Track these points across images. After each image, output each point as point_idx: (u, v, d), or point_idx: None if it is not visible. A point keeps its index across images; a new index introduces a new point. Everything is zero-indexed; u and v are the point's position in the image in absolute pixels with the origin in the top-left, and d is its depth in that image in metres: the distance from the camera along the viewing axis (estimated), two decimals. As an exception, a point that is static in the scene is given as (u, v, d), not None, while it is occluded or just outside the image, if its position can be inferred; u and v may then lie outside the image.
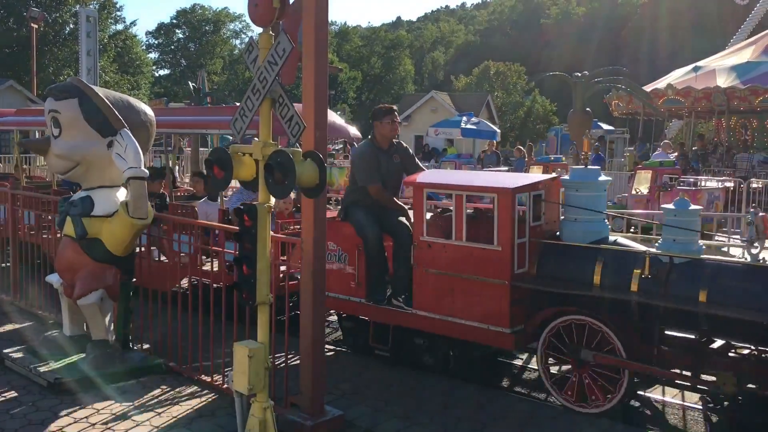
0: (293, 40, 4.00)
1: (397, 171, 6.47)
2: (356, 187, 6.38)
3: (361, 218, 6.23)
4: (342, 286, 6.41)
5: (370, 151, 6.33)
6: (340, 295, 6.43)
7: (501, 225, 5.48)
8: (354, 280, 6.33)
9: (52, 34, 43.96)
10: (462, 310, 5.69)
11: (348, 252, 6.37)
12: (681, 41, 55.79)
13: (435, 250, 5.81)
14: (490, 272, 5.53)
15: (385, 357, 6.40)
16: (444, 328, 5.83)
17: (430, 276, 5.86)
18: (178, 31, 73.74)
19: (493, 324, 5.55)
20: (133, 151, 5.40)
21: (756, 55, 22.70)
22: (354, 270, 6.34)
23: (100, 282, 5.60)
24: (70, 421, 4.90)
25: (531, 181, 5.87)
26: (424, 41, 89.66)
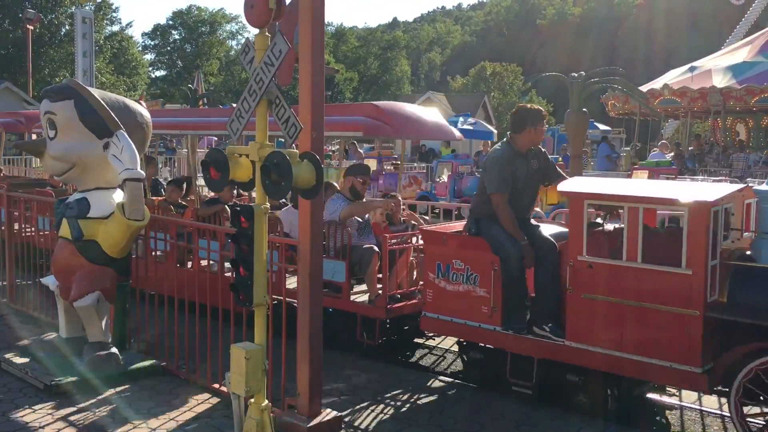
0: (290, 41, 3.99)
1: (535, 178, 5.81)
2: (488, 196, 5.67)
3: (498, 233, 5.52)
4: (470, 311, 5.60)
5: (508, 155, 5.64)
6: (467, 321, 5.62)
7: (693, 244, 4.62)
8: (487, 305, 5.50)
9: (48, 36, 43.92)
10: (635, 344, 4.84)
11: (479, 272, 5.55)
12: (677, 41, 55.97)
13: (598, 273, 4.97)
14: (677, 300, 4.67)
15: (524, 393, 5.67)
16: (610, 365, 4.97)
17: (590, 303, 5.00)
18: (174, 32, 73.69)
19: (678, 362, 4.70)
20: (129, 152, 5.39)
21: (752, 55, 22.77)
22: (487, 293, 5.50)
23: (97, 284, 5.59)
24: (67, 423, 4.88)
25: (725, 193, 4.92)
26: (421, 42, 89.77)
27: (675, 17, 60.74)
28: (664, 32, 58.98)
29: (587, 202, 5.07)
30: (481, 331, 5.58)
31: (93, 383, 5.46)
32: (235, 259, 4.09)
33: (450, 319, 5.73)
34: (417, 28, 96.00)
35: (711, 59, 24.47)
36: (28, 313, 7.40)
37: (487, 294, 5.51)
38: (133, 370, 5.76)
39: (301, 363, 4.72)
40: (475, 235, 5.70)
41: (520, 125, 5.71)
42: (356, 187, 6.96)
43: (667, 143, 22.70)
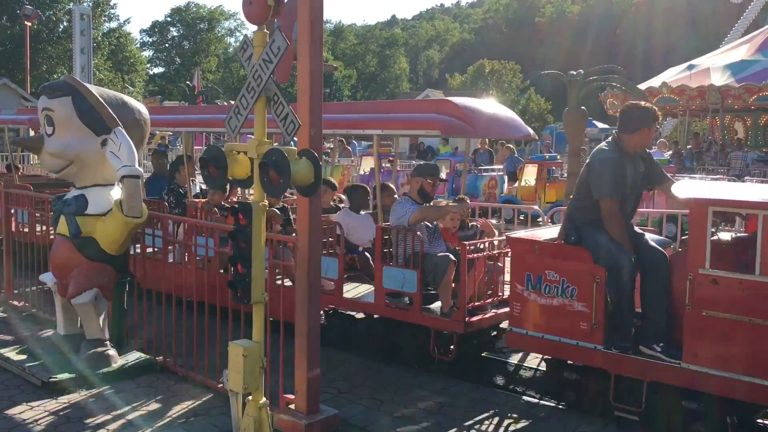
0: (288, 38, 3.98)
1: (641, 182, 5.33)
2: (591, 201, 5.14)
3: (606, 242, 5.01)
4: (565, 327, 5.10)
5: (617, 157, 5.13)
6: (562, 339, 5.12)
7: None
8: (586, 321, 4.99)
9: (46, 32, 43.85)
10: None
11: (578, 284, 5.03)
12: (676, 39, 56.01)
13: (724, 288, 4.46)
14: None
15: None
16: (738, 391, 4.46)
17: (713, 321, 4.50)
18: (173, 29, 73.67)
19: None
20: (127, 149, 5.39)
21: (750, 54, 22.78)
22: (587, 308, 4.98)
23: (94, 281, 5.58)
24: (64, 420, 4.88)
25: None
26: (419, 39, 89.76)
27: (674, 15, 60.80)
28: (662, 30, 59.02)
29: (712, 209, 4.54)
30: (579, 350, 5.05)
31: (90, 380, 5.46)
32: (233, 256, 4.09)
33: (541, 335, 5.21)
34: (416, 25, 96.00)
35: (709, 57, 24.49)
36: (25, 310, 7.39)
37: (586, 309, 4.98)
38: (131, 367, 5.75)
39: (299, 360, 4.72)
40: (574, 243, 5.17)
41: (633, 125, 5.19)
42: (426, 188, 6.38)
43: (665, 141, 22.73)
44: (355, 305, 6.55)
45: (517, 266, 5.42)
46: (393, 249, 6.18)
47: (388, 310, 6.21)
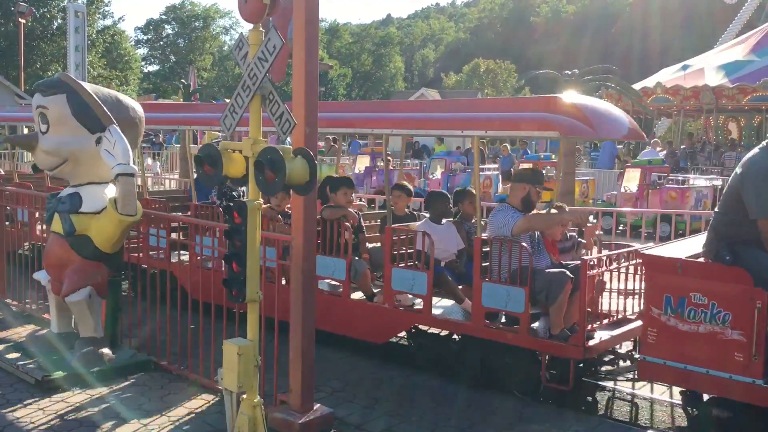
0: (283, 37, 3.98)
1: None
2: (744, 218, 4.51)
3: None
4: (715, 359, 4.49)
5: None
6: (710, 371, 4.49)
7: None
8: (743, 351, 4.40)
9: (40, 29, 43.68)
10: None
11: (732, 310, 4.43)
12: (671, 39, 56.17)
13: None
14: None
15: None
16: None
17: None
18: (167, 26, 73.41)
19: None
20: (122, 147, 5.37)
21: (744, 54, 22.87)
22: (744, 336, 4.38)
23: (89, 279, 5.57)
24: (58, 419, 4.86)
25: None
26: (414, 38, 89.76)
27: (669, 15, 60.94)
28: (658, 30, 59.17)
29: None
30: (734, 384, 4.41)
31: (84, 379, 5.45)
32: (228, 254, 4.08)
33: (683, 366, 4.59)
34: (411, 24, 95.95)
35: (704, 58, 24.57)
36: (19, 308, 7.37)
37: (743, 338, 4.36)
38: (125, 365, 5.74)
39: (294, 359, 4.72)
40: (730, 264, 4.55)
41: None
42: (532, 197, 5.85)
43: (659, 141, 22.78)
44: (447, 325, 6.00)
45: (654, 287, 4.78)
46: (492, 263, 5.66)
47: (489, 332, 5.63)
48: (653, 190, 14.34)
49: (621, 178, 15.39)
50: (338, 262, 6.32)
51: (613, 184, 16.84)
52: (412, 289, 5.99)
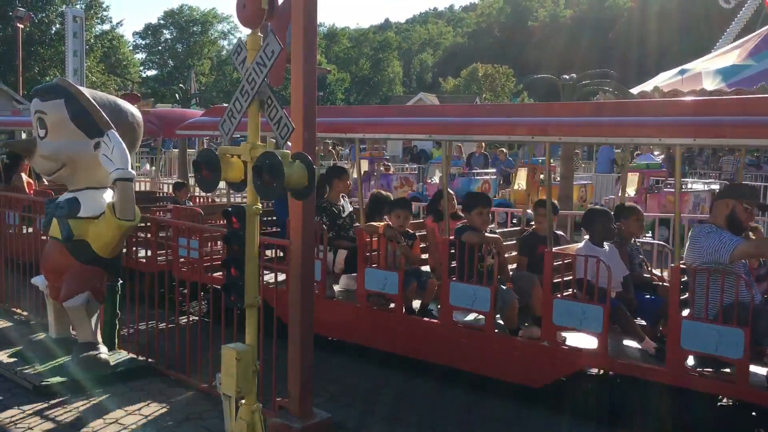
0: (282, 42, 3.98)
1: None
2: None
3: None
4: None
5: None
6: None
7: None
8: None
9: (38, 34, 43.70)
10: None
11: None
12: (669, 43, 56.27)
13: None
14: None
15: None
16: None
17: None
18: (166, 31, 73.53)
19: None
20: (120, 152, 5.37)
21: (741, 59, 22.85)
22: None
23: (87, 284, 5.56)
24: (56, 424, 4.86)
25: None
26: (413, 43, 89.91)
27: (666, 20, 61.05)
28: (655, 35, 59.24)
29: None
30: None
31: (82, 384, 5.43)
32: (227, 259, 4.08)
33: None
34: (409, 29, 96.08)
35: (701, 62, 24.55)
36: (17, 313, 7.35)
37: None
38: (123, 370, 5.73)
39: (292, 364, 4.72)
40: None
41: None
42: (739, 215, 4.97)
43: (657, 145, 22.79)
44: (632, 370, 4.97)
45: None
46: (696, 296, 4.80)
47: (695, 380, 4.69)
48: (651, 194, 14.35)
49: (618, 182, 15.40)
50: (480, 290, 5.53)
51: (611, 188, 16.85)
52: (581, 325, 5.12)
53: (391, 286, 6.05)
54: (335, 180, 7.13)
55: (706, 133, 4.75)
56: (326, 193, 7.09)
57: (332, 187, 7.13)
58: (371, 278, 6.18)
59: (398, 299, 6.05)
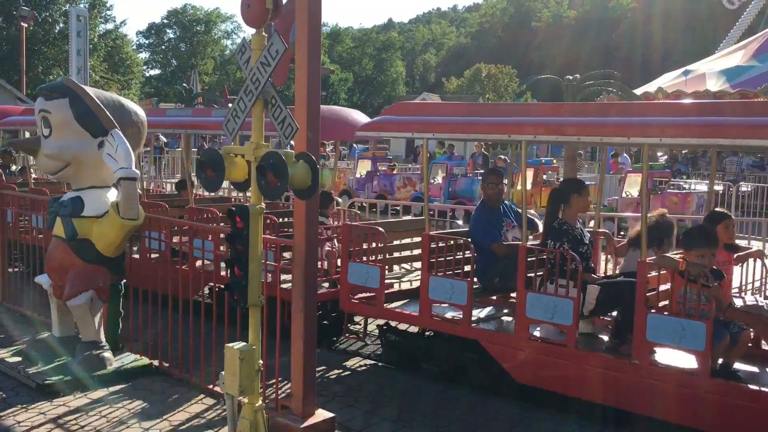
0: (286, 41, 3.99)
1: None
2: None
3: None
4: None
5: None
6: None
7: None
8: None
9: (42, 33, 43.76)
10: None
11: None
12: (672, 44, 56.18)
13: None
14: None
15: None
16: None
17: None
18: (169, 31, 73.58)
19: None
20: (124, 151, 5.37)
21: (745, 59, 22.85)
22: None
23: (90, 283, 5.56)
24: (59, 423, 4.86)
25: None
26: (416, 43, 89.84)
27: (670, 20, 60.95)
28: (659, 35, 59.16)
29: None
30: None
31: (86, 383, 5.44)
32: (230, 259, 4.08)
33: None
34: (412, 29, 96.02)
35: (705, 63, 24.56)
36: (21, 312, 7.36)
37: None
38: (127, 369, 5.74)
39: (295, 363, 4.72)
40: None
41: None
42: None
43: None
44: None
45: None
46: None
47: None
48: (655, 195, 14.34)
49: (622, 183, 15.38)
50: None
51: (614, 189, 16.84)
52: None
53: (693, 340, 4.55)
54: (573, 196, 5.75)
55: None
56: (560, 212, 5.77)
57: (569, 205, 5.76)
58: (661, 328, 4.71)
59: (704, 356, 4.57)
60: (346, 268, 6.32)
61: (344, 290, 6.40)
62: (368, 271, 6.18)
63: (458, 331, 5.76)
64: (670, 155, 22.53)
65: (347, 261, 6.30)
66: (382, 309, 6.22)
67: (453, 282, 5.69)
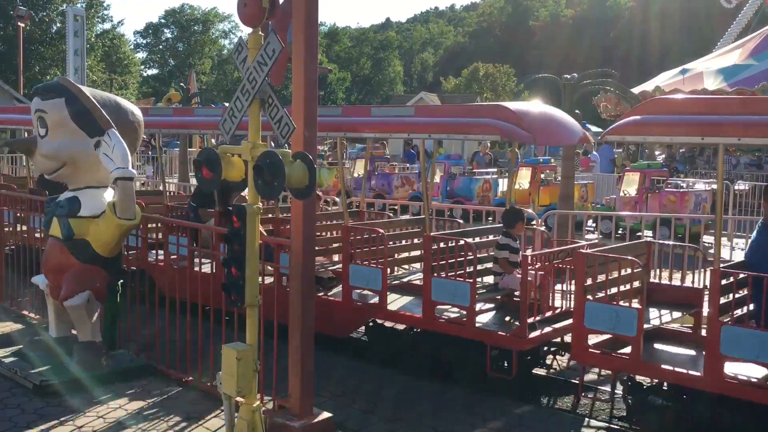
0: (282, 41, 3.98)
1: None
2: None
3: None
4: None
5: None
6: None
7: None
8: None
9: (39, 33, 43.64)
10: None
11: None
12: (670, 43, 56.21)
13: None
14: None
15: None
16: None
17: None
18: (167, 30, 73.51)
19: None
20: (121, 151, 5.36)
21: (743, 58, 22.88)
22: None
23: (87, 283, 5.55)
24: (56, 423, 4.85)
25: None
26: (414, 42, 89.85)
27: (668, 19, 61.01)
28: (657, 34, 59.22)
29: None
30: None
31: (83, 383, 5.43)
32: (228, 259, 4.08)
33: None
34: (410, 28, 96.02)
35: (702, 62, 24.59)
36: (18, 313, 7.35)
37: None
38: (124, 370, 5.72)
39: (293, 364, 4.71)
40: None
41: None
42: None
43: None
44: None
45: None
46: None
47: None
48: (652, 193, 14.35)
49: (620, 182, 15.40)
50: None
51: (612, 188, 16.85)
52: None
53: None
54: None
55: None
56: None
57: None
58: None
59: None
60: (582, 307, 5.15)
61: (579, 336, 5.23)
62: (617, 313, 4.97)
63: None
64: (668, 154, 22.53)
65: (583, 298, 5.15)
66: (639, 363, 4.95)
67: None
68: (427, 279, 6.04)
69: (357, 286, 6.50)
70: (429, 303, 6.02)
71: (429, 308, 6.03)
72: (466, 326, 5.76)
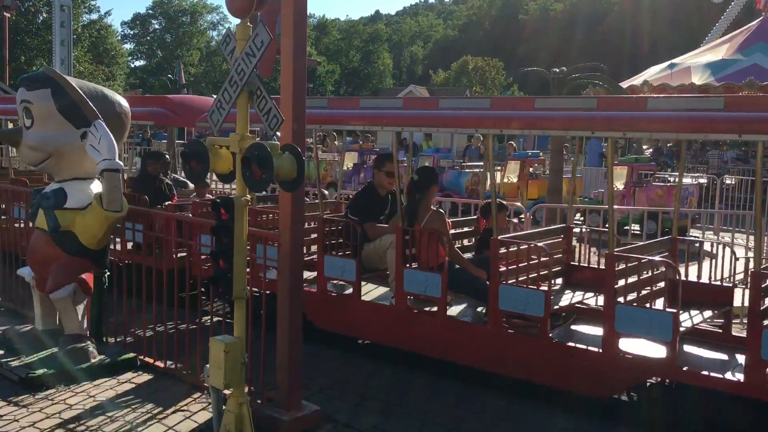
0: (271, 32, 3.95)
1: None
2: None
3: None
4: None
5: None
6: None
7: None
8: None
9: (25, 23, 43.27)
10: None
11: None
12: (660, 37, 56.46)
13: None
14: None
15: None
16: None
17: None
18: (155, 21, 72.99)
19: None
20: (108, 142, 5.32)
21: (730, 53, 23.00)
22: None
23: (73, 275, 5.51)
24: (43, 416, 4.82)
25: None
26: (403, 35, 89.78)
27: (657, 13, 61.30)
28: (646, 28, 59.48)
29: None
30: None
31: (69, 376, 5.39)
32: (215, 251, 4.06)
33: None
34: (399, 21, 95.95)
35: (690, 56, 24.69)
36: (2, 305, 7.29)
37: None
38: (111, 362, 5.69)
39: (281, 356, 4.70)
40: None
41: None
42: None
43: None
44: None
45: None
46: None
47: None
48: (640, 187, 14.42)
49: (608, 175, 15.48)
50: None
51: (600, 182, 16.92)
52: None
53: None
54: None
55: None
56: None
57: None
58: None
59: None
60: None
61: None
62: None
63: None
64: (655, 148, 22.64)
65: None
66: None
67: None
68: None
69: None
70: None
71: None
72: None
